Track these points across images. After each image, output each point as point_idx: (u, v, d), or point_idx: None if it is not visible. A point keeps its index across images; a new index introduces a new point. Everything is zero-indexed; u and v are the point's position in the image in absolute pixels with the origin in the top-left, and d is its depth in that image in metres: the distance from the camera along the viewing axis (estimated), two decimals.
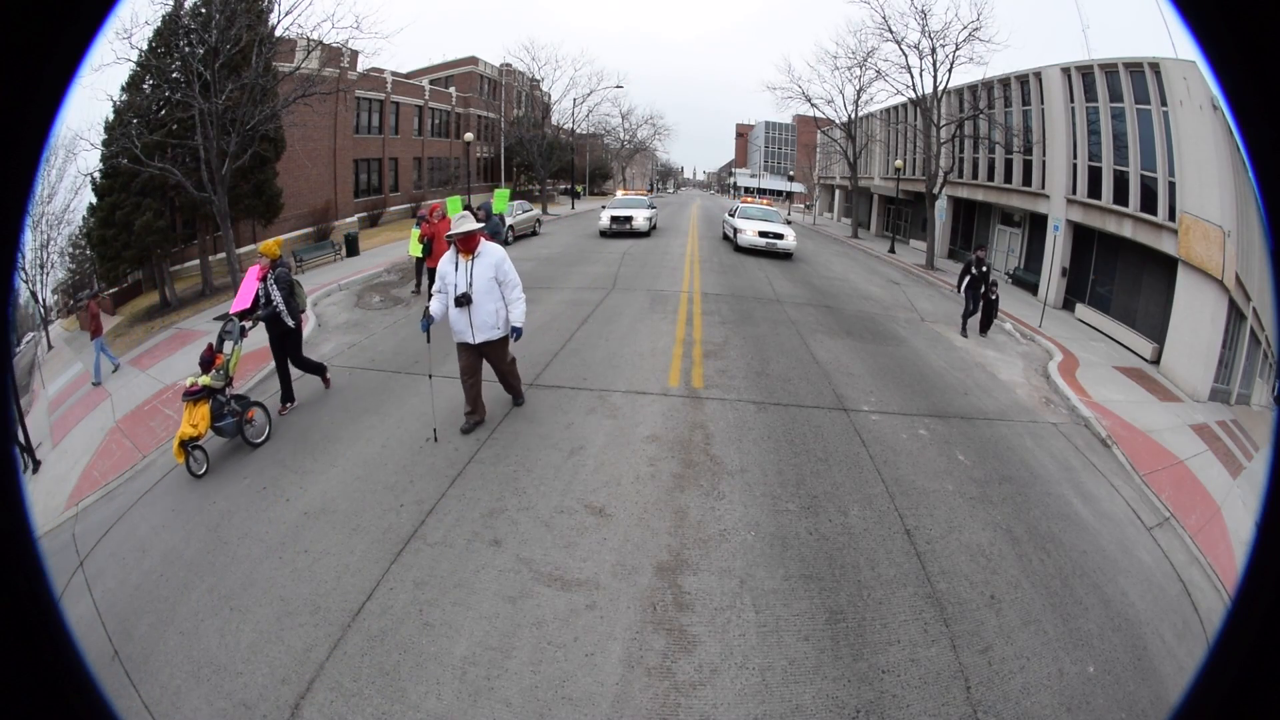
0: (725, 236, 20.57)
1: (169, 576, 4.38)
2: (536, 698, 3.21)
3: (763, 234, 17.52)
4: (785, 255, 17.71)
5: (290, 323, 6.69)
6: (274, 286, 6.58)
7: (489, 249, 5.75)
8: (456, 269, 5.63)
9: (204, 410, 5.81)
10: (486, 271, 5.66)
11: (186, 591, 4.18)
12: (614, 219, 20.60)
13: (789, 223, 20.37)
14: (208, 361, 6.12)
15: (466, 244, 5.65)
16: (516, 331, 5.80)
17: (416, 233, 11.51)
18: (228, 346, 6.30)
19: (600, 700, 3.20)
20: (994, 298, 11.45)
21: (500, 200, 14.68)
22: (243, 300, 7.07)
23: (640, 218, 20.64)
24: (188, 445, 5.65)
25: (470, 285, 5.60)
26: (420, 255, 11.37)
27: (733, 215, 20.05)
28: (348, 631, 3.64)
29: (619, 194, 27.22)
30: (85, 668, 0.79)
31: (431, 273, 9.69)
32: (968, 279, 11.63)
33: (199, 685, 3.38)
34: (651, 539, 4.46)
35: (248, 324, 6.62)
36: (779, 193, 79.97)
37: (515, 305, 5.82)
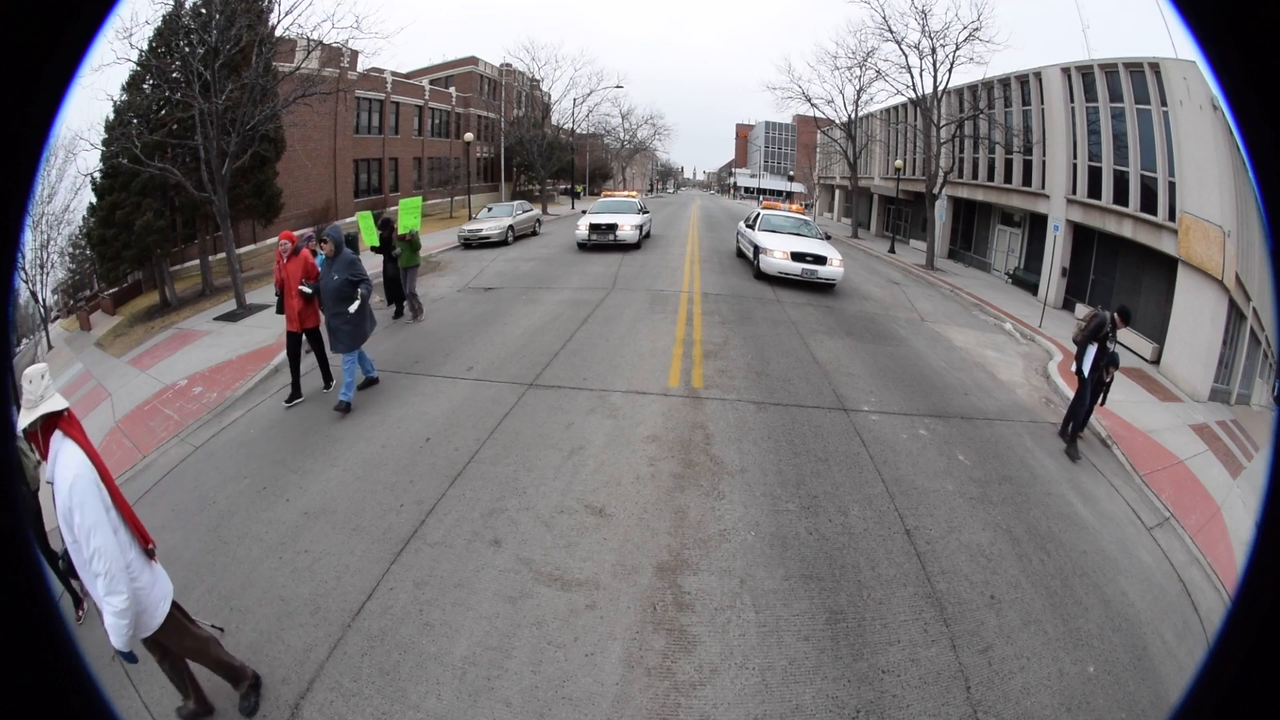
0: (739, 253, 16.47)
1: (169, 577, 4.37)
2: (536, 698, 3.21)
3: (797, 256, 12.89)
4: (826, 286, 13.15)
5: None
6: None
7: (63, 460, 2.68)
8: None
9: None
10: (62, 514, 2.67)
11: (186, 591, 4.17)
12: (594, 228, 16.66)
13: (828, 238, 14.91)
14: None
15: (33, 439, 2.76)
16: (117, 654, 2.78)
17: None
18: None
19: (600, 700, 3.21)
20: (1109, 379, 7.30)
21: (409, 213, 10.15)
22: None
23: (628, 225, 16.82)
24: None
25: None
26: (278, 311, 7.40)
27: (751, 226, 15.37)
28: (348, 631, 3.65)
29: (604, 196, 23.02)
30: (85, 668, 0.79)
31: (294, 345, 7.21)
32: (1093, 350, 6.98)
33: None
34: (651, 539, 4.46)
35: None
36: (778, 192, 79.91)
37: (107, 604, 2.66)
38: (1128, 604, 4.43)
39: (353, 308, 6.73)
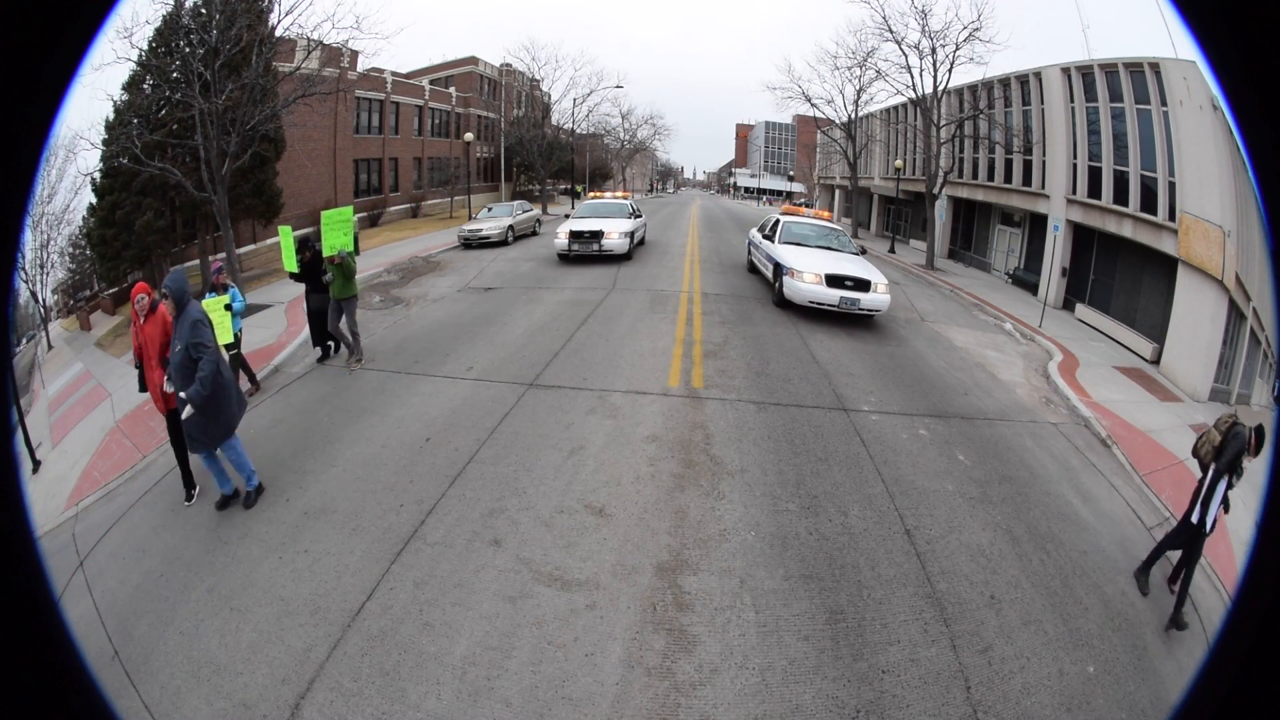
0: (751, 268, 14.09)
1: (169, 576, 4.38)
2: (536, 698, 3.21)
3: (833, 280, 10.02)
4: (864, 316, 10.55)
5: None
6: None
7: None
8: None
9: None
10: None
11: (186, 591, 4.18)
12: (575, 236, 14.52)
13: (863, 252, 12.34)
14: None
15: None
16: None
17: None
18: None
19: (600, 700, 3.21)
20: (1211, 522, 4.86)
21: (335, 229, 8.00)
22: None
23: (615, 232, 14.61)
24: None
25: None
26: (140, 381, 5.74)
27: (769, 237, 12.52)
28: (348, 631, 3.65)
29: (590, 198, 19.69)
30: (85, 668, 0.79)
31: (175, 428, 5.38)
32: (1223, 486, 4.97)
33: (199, 685, 3.39)
34: (651, 539, 4.46)
35: None
36: (779, 193, 79.82)
37: None
38: (1128, 604, 4.43)
39: (185, 412, 4.71)
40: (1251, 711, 0.66)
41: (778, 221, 12.90)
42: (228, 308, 7.10)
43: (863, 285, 10.11)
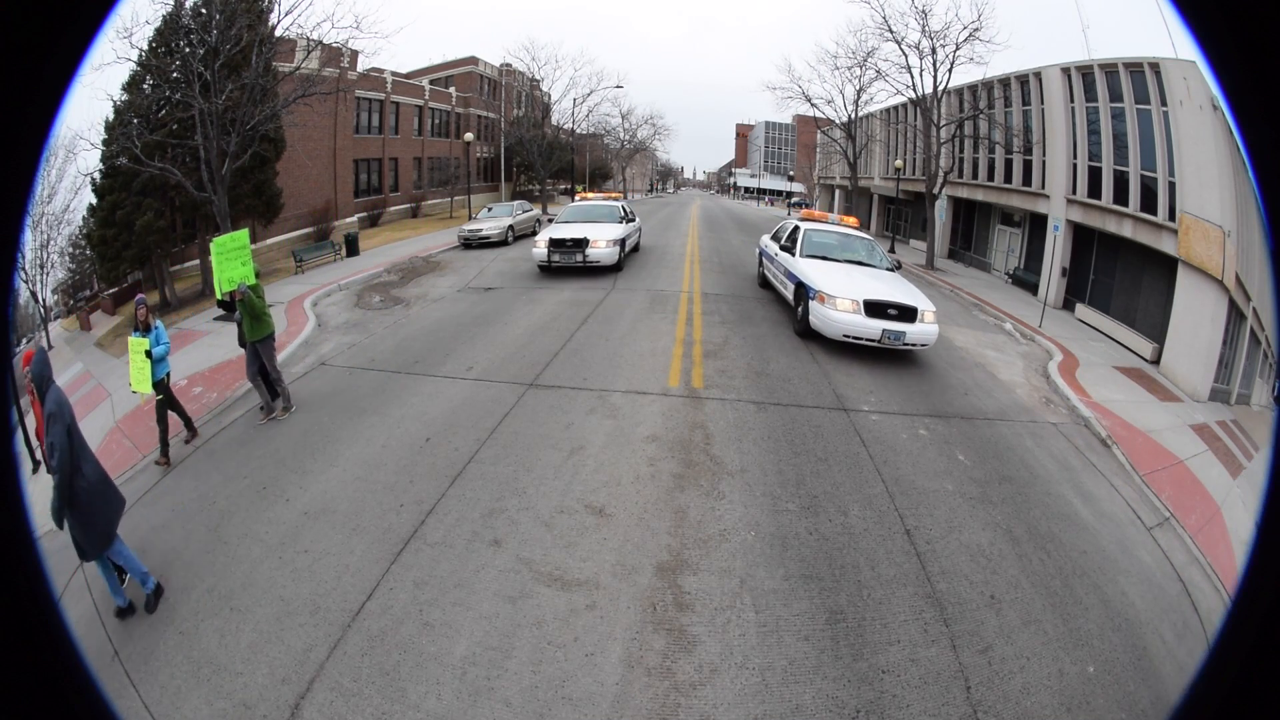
0: (763, 282, 12.35)
1: (169, 576, 4.38)
2: (536, 698, 3.21)
3: (874, 308, 8.20)
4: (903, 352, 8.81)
5: None
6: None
7: None
8: None
9: None
10: None
11: (186, 591, 4.18)
12: (555, 244, 12.91)
13: (899, 267, 10.94)
14: None
15: None
16: None
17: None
18: None
19: (600, 700, 3.21)
20: None
21: (229, 258, 6.74)
22: None
23: (603, 240, 12.97)
24: None
25: None
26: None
27: (788, 248, 10.53)
28: (348, 631, 3.65)
29: (579, 199, 17.77)
30: (85, 668, 0.79)
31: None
32: None
33: (199, 685, 3.39)
34: (651, 539, 4.46)
35: None
36: (779, 193, 79.76)
37: None
38: (1128, 604, 4.43)
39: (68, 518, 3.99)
40: (1251, 711, 0.66)
41: (797, 229, 10.84)
42: (148, 354, 6.30)
43: (908, 314, 8.20)
